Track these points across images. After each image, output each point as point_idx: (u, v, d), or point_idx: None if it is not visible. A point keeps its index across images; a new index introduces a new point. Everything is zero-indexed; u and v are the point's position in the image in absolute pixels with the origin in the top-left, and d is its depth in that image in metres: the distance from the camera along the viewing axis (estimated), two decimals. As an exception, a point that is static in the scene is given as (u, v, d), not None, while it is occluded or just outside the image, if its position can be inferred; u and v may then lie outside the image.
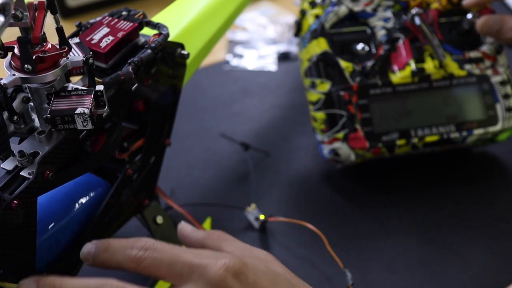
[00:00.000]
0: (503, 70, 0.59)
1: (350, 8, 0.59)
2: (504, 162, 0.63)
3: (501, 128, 0.58)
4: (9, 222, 0.33)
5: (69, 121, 0.34)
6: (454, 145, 0.59)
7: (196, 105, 0.73)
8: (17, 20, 0.32)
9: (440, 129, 0.57)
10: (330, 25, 0.59)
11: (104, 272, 0.54)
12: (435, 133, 0.57)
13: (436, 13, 0.60)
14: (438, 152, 0.62)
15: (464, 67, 0.59)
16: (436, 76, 0.58)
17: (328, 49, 0.57)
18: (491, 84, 0.59)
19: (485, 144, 0.61)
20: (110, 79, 0.38)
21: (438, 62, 0.58)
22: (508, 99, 0.59)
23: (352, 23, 0.60)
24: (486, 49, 0.60)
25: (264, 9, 0.93)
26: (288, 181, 0.62)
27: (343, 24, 0.59)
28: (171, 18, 0.49)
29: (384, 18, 0.60)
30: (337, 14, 0.59)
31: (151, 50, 0.41)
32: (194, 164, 0.64)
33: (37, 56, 0.33)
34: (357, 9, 0.60)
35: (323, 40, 0.58)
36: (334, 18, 0.59)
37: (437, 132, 0.57)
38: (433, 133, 0.57)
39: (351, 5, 0.60)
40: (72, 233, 0.42)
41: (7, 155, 0.35)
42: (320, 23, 0.58)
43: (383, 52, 0.58)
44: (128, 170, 0.45)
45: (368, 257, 0.54)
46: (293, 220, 0.54)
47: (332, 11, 0.59)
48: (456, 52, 0.59)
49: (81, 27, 0.43)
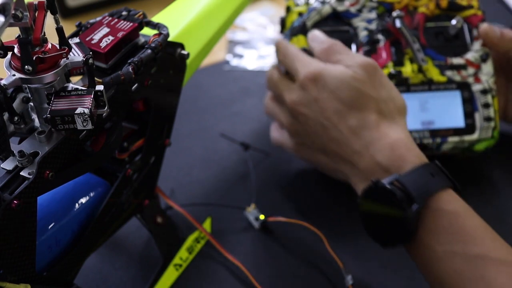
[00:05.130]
0: (486, 79, 0.58)
1: (334, 8, 0.59)
2: (504, 162, 0.63)
3: (478, 137, 0.57)
4: (9, 222, 0.33)
5: (69, 121, 0.34)
6: (430, 152, 0.57)
7: (196, 105, 0.73)
8: (17, 20, 0.32)
9: (413, 134, 0.56)
10: (312, 23, 0.59)
11: (104, 272, 0.54)
12: None
13: (423, 17, 0.60)
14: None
15: (445, 73, 0.58)
16: (414, 80, 0.57)
17: (307, 47, 0.57)
18: (472, 92, 0.57)
19: (464, 154, 0.60)
20: (110, 79, 0.38)
21: (418, 66, 0.58)
22: (488, 108, 0.57)
23: (335, 22, 0.60)
24: (471, 57, 0.58)
25: (264, 9, 0.93)
26: (288, 181, 0.62)
27: (326, 23, 0.59)
28: (171, 18, 0.49)
29: (367, 19, 0.60)
30: (320, 13, 0.59)
31: (151, 50, 0.41)
32: (194, 164, 0.64)
33: (37, 57, 0.33)
34: (341, 9, 0.59)
35: (303, 38, 0.58)
36: (316, 17, 0.59)
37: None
38: None
39: (335, 4, 0.60)
40: (72, 233, 0.42)
41: (7, 155, 0.35)
42: (302, 21, 0.59)
43: (363, 53, 0.58)
44: (128, 170, 0.45)
45: (368, 257, 0.54)
46: (293, 220, 0.54)
47: (315, 9, 0.59)
48: (438, 58, 0.58)
49: (81, 27, 0.43)
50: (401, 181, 0.43)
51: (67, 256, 0.41)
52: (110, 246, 0.55)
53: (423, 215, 0.43)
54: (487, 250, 0.40)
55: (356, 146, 0.48)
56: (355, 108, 0.48)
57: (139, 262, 0.54)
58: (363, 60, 0.50)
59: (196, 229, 0.55)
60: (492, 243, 0.41)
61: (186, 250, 0.54)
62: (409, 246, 0.45)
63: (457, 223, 0.42)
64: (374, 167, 0.47)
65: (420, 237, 0.43)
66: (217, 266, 0.53)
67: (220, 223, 0.57)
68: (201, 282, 0.52)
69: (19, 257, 0.36)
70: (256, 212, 0.57)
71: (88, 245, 0.43)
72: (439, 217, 0.42)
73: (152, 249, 0.54)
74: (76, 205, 0.42)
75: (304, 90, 0.51)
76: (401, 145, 0.46)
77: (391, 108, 0.49)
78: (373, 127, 0.48)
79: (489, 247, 0.40)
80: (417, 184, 0.43)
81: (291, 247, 0.55)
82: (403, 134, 0.47)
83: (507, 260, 0.40)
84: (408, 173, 0.44)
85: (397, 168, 0.45)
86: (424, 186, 0.43)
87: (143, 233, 0.55)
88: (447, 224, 0.42)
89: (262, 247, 0.55)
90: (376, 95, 0.49)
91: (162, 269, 0.52)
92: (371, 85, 0.49)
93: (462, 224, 0.42)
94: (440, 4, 0.60)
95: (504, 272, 0.39)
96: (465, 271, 0.40)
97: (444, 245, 0.41)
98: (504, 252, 0.41)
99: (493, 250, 0.40)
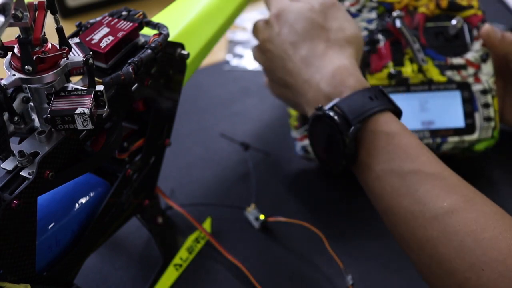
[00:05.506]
0: (486, 79, 0.58)
1: None
2: (504, 162, 0.63)
3: (478, 137, 0.57)
4: (9, 222, 0.33)
5: (69, 121, 0.34)
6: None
7: (196, 105, 0.73)
8: (17, 20, 0.32)
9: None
10: None
11: (104, 272, 0.54)
12: None
13: (423, 17, 0.60)
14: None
15: (445, 73, 0.58)
16: (414, 80, 0.58)
17: None
18: (472, 92, 0.58)
19: (464, 154, 0.60)
20: (110, 79, 0.38)
21: (418, 66, 0.58)
22: (487, 108, 0.57)
23: None
24: (471, 57, 0.58)
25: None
26: (288, 181, 0.62)
27: None
28: (171, 18, 0.49)
29: (367, 19, 0.60)
30: None
31: (151, 50, 0.41)
32: (194, 164, 0.64)
33: (37, 57, 0.33)
34: None
35: None
36: None
37: None
38: None
39: None
40: (72, 233, 0.42)
41: (7, 155, 0.35)
42: None
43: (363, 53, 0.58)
44: (128, 170, 0.45)
45: (368, 257, 0.54)
46: (293, 220, 0.54)
47: None
48: (439, 58, 0.58)
49: (81, 27, 0.43)
50: (339, 105, 0.45)
51: (67, 256, 0.41)
52: (110, 246, 0.55)
53: (361, 137, 0.45)
54: (421, 165, 0.42)
55: (305, 76, 0.50)
56: (308, 38, 0.51)
57: (139, 262, 0.54)
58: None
59: (196, 229, 0.55)
60: (426, 159, 0.43)
61: (186, 250, 0.54)
62: (354, 169, 0.47)
63: (393, 142, 0.43)
64: (319, 95, 0.48)
65: (360, 158, 0.45)
66: (217, 266, 0.53)
67: (220, 223, 0.57)
68: (201, 282, 0.52)
69: (19, 257, 0.36)
70: (256, 212, 0.57)
71: (88, 245, 0.43)
72: (376, 138, 0.44)
73: (152, 249, 0.54)
74: (76, 205, 0.42)
75: (270, 28, 0.54)
76: (342, 71, 0.48)
77: (339, 37, 0.51)
78: (320, 56, 0.50)
79: (424, 163, 0.42)
80: (354, 107, 0.45)
81: (291, 247, 0.55)
82: (346, 61, 0.49)
83: (440, 174, 0.42)
84: (346, 97, 0.46)
85: (339, 93, 0.47)
86: (360, 109, 0.45)
87: (143, 233, 0.55)
88: (384, 144, 0.44)
89: (262, 247, 0.55)
90: (328, 26, 0.52)
91: (162, 269, 0.52)
92: (324, 17, 0.52)
93: (398, 143, 0.43)
94: (440, 4, 0.60)
95: (437, 185, 0.41)
96: (401, 187, 0.42)
97: (381, 164, 0.43)
98: (438, 166, 0.42)
99: (427, 165, 0.42)
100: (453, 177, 0.42)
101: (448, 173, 0.42)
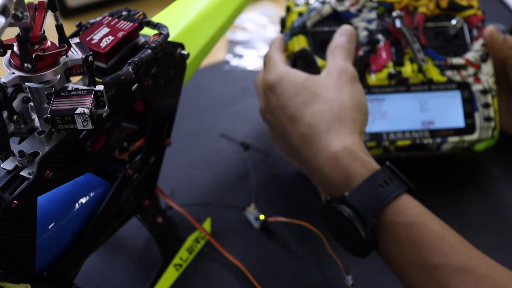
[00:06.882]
0: (486, 79, 0.58)
1: (334, 8, 0.59)
2: (504, 162, 0.63)
3: (477, 137, 0.57)
4: (9, 222, 0.33)
5: (69, 121, 0.34)
6: (430, 152, 0.57)
7: (196, 105, 0.73)
8: (17, 20, 0.32)
9: (413, 134, 0.56)
10: (312, 23, 0.59)
11: (104, 272, 0.54)
12: (407, 138, 0.56)
13: (423, 17, 0.59)
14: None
15: (445, 73, 0.58)
16: (414, 80, 0.57)
17: (306, 47, 0.57)
18: (472, 92, 0.57)
19: (464, 154, 0.60)
20: (110, 79, 0.38)
21: (418, 66, 0.58)
22: (487, 108, 0.57)
23: (336, 22, 0.59)
24: (471, 57, 0.58)
25: (264, 9, 0.93)
26: (288, 181, 0.62)
27: (326, 23, 0.59)
28: (171, 18, 0.49)
29: (367, 19, 0.59)
30: (320, 13, 0.59)
31: (151, 50, 0.41)
32: (194, 164, 0.64)
33: (36, 54, 0.33)
34: (341, 9, 0.59)
35: (303, 38, 0.58)
36: (317, 17, 0.59)
37: (410, 136, 0.56)
38: (405, 138, 0.56)
39: (335, 4, 0.59)
40: (72, 233, 0.42)
41: (7, 155, 0.35)
42: (302, 21, 0.58)
43: (363, 53, 0.58)
44: (128, 170, 0.45)
45: (368, 257, 0.54)
46: (293, 220, 0.54)
47: (315, 9, 0.59)
48: (438, 58, 0.58)
49: (81, 27, 0.43)
50: (349, 200, 0.43)
51: (67, 256, 0.41)
52: (110, 246, 0.55)
53: (379, 228, 0.42)
54: (447, 258, 0.40)
55: (307, 155, 0.47)
56: (307, 113, 0.48)
57: (139, 262, 0.54)
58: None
59: (196, 229, 0.55)
60: (451, 249, 0.40)
61: (186, 250, 0.54)
62: (378, 253, 0.45)
63: (413, 234, 0.41)
64: (325, 181, 0.46)
65: (382, 247, 0.43)
66: (217, 266, 0.53)
67: (220, 223, 0.57)
68: (201, 282, 0.52)
69: (19, 257, 0.36)
70: (256, 212, 0.57)
71: (88, 245, 0.43)
72: (395, 230, 0.42)
73: (152, 249, 0.54)
74: (76, 205, 0.42)
75: (267, 98, 0.52)
76: (345, 156, 0.45)
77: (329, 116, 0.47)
78: (320, 134, 0.47)
79: (449, 254, 0.40)
80: (365, 202, 0.42)
81: (291, 247, 0.55)
82: (349, 139, 0.46)
83: (468, 266, 0.40)
84: (355, 190, 0.43)
85: (345, 182, 0.44)
86: (372, 203, 0.42)
87: (143, 233, 0.55)
88: (404, 236, 0.41)
89: (262, 247, 0.55)
90: (322, 101, 0.48)
91: (162, 269, 0.52)
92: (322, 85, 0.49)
93: (419, 234, 0.41)
94: (440, 4, 0.60)
95: (466, 279, 0.39)
96: (430, 282, 0.40)
97: (406, 256, 0.41)
98: (464, 256, 0.40)
99: (453, 257, 0.40)
100: (482, 267, 0.40)
101: (476, 263, 0.40)
